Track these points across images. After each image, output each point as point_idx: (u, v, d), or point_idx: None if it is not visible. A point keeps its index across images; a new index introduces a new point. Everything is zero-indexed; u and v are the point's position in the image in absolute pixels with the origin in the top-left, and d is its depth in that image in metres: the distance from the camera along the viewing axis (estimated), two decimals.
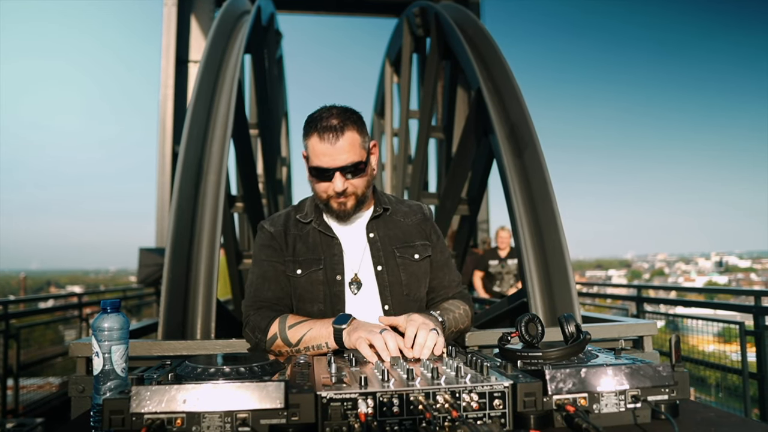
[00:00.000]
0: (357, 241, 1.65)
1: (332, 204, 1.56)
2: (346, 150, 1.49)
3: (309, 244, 1.63)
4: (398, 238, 1.66)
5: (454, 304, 1.65)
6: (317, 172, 1.52)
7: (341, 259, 1.61)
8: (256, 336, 1.53)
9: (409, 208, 1.74)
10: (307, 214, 1.67)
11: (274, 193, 5.15)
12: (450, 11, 4.13)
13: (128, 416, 0.91)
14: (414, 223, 1.70)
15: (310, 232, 1.65)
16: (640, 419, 1.04)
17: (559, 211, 2.61)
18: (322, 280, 1.59)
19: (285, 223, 1.67)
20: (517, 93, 3.05)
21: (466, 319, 1.64)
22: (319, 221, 1.65)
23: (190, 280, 2.31)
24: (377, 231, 1.65)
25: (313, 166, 1.52)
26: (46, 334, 6.49)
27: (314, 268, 1.60)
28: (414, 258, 1.64)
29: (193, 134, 2.63)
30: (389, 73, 7.17)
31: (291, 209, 1.73)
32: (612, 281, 39.25)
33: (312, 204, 1.68)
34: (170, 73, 9.07)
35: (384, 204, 1.69)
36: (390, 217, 1.69)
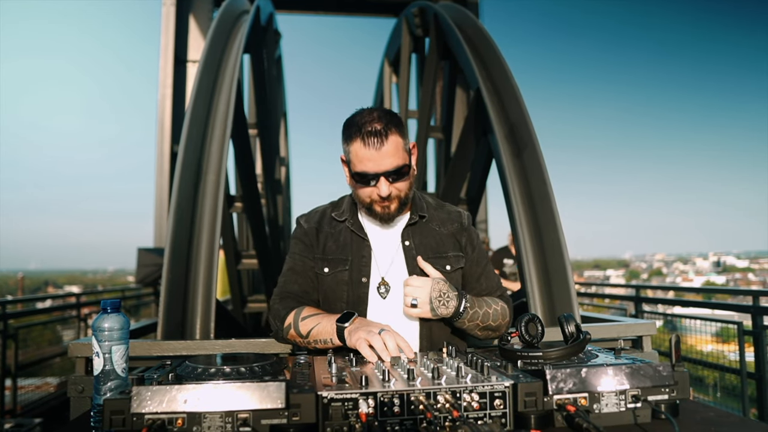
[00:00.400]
0: (389, 245, 1.63)
1: (376, 208, 1.55)
2: (390, 154, 1.47)
3: (339, 243, 1.62)
4: (432, 247, 1.63)
5: (495, 300, 1.61)
6: (361, 178, 1.50)
7: (369, 261, 1.60)
8: (276, 323, 1.56)
9: (447, 215, 1.71)
10: (343, 212, 1.67)
11: (273, 193, 5.15)
12: (449, 11, 4.13)
13: (129, 416, 0.91)
14: (450, 233, 1.67)
15: (342, 230, 1.64)
16: (640, 419, 1.04)
17: (558, 211, 2.61)
18: (346, 281, 1.59)
19: (320, 220, 1.68)
20: (516, 93, 3.05)
21: (500, 317, 1.58)
22: (353, 221, 1.64)
23: (189, 280, 2.30)
24: (413, 239, 1.63)
25: (356, 171, 1.50)
26: (44, 335, 6.48)
27: (340, 267, 1.60)
28: (446, 269, 1.62)
29: (193, 134, 2.63)
30: (388, 73, 7.17)
31: (329, 206, 1.73)
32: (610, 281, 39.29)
33: (349, 203, 1.68)
34: (169, 73, 9.04)
35: (421, 211, 1.65)
36: (426, 225, 1.66)
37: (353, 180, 1.54)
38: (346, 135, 1.52)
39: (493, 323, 1.55)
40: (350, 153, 1.51)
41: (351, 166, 1.52)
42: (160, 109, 9.00)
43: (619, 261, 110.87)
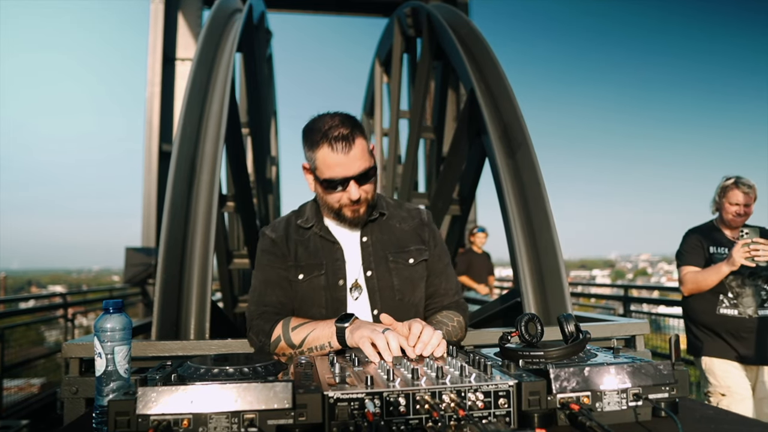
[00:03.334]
0: (354, 245, 1.65)
1: (346, 212, 1.55)
2: (358, 158, 1.48)
3: (310, 249, 1.62)
4: (392, 242, 1.65)
5: (448, 316, 1.63)
6: (330, 184, 1.50)
7: (343, 264, 1.61)
8: (260, 340, 1.53)
9: (407, 213, 1.73)
10: (308, 219, 1.66)
11: (264, 193, 5.13)
12: (442, 12, 4.14)
13: (134, 417, 0.90)
14: (410, 228, 1.69)
15: (311, 237, 1.64)
16: (641, 417, 1.05)
17: (551, 211, 2.64)
18: (323, 285, 1.59)
19: (286, 228, 1.67)
20: (509, 93, 3.08)
21: (459, 331, 1.63)
22: (320, 226, 1.64)
23: (183, 279, 2.29)
24: (371, 235, 1.65)
25: (325, 178, 1.50)
26: (27, 335, 6.39)
27: (316, 273, 1.60)
28: (408, 262, 1.64)
29: (187, 133, 2.61)
30: (379, 73, 7.16)
31: (291, 215, 1.72)
32: (596, 281, 39.71)
33: (312, 209, 1.68)
34: (157, 71, 8.97)
35: (381, 209, 1.67)
36: (386, 222, 1.68)
37: (321, 186, 1.53)
38: (310, 141, 1.50)
39: (455, 339, 1.61)
40: (316, 160, 1.49)
41: (318, 172, 1.51)
42: (149, 107, 8.92)
43: (605, 261, 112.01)
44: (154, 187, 8.41)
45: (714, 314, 2.96)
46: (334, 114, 1.53)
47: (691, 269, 3.02)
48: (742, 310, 2.89)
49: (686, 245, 3.10)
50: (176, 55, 9.29)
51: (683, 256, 3.09)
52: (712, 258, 2.99)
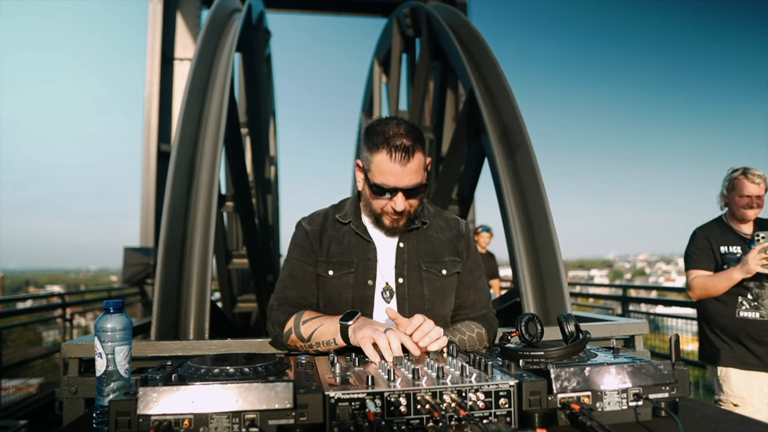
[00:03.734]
0: (391, 249, 1.63)
1: (385, 220, 1.55)
2: (413, 171, 1.47)
3: (344, 245, 1.62)
4: (427, 252, 1.64)
5: (468, 326, 1.61)
6: (379, 189, 1.49)
7: (375, 264, 1.60)
8: (275, 330, 1.55)
9: (445, 223, 1.71)
10: (346, 214, 1.66)
11: (263, 193, 5.12)
12: (441, 12, 4.14)
13: (135, 418, 0.90)
14: (447, 239, 1.68)
15: (346, 233, 1.63)
16: (641, 417, 1.06)
17: (551, 211, 2.64)
18: (352, 284, 1.59)
19: (323, 222, 1.66)
20: (509, 94, 3.08)
21: (477, 342, 1.59)
22: (358, 223, 1.64)
23: (183, 279, 2.29)
24: (407, 242, 1.63)
25: (375, 182, 1.49)
26: (25, 335, 6.37)
27: (345, 270, 1.59)
28: (441, 273, 1.62)
29: (186, 133, 2.61)
30: (378, 73, 7.17)
31: (330, 208, 1.72)
32: (594, 281, 39.77)
33: (353, 205, 1.67)
34: (156, 71, 8.96)
35: (423, 218, 1.66)
36: (425, 231, 1.66)
37: (370, 189, 1.53)
38: (371, 143, 1.49)
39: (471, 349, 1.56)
40: (372, 162, 1.49)
41: (370, 175, 1.51)
42: (147, 107, 8.91)
43: (603, 261, 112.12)
44: (153, 187, 8.40)
45: (733, 317, 2.70)
46: (401, 121, 1.52)
47: (700, 273, 2.77)
48: (764, 312, 2.64)
49: (694, 246, 2.84)
50: (175, 54, 9.28)
51: (691, 259, 2.83)
52: (723, 259, 2.75)
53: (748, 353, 2.66)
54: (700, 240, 2.84)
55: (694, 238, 2.88)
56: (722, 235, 2.81)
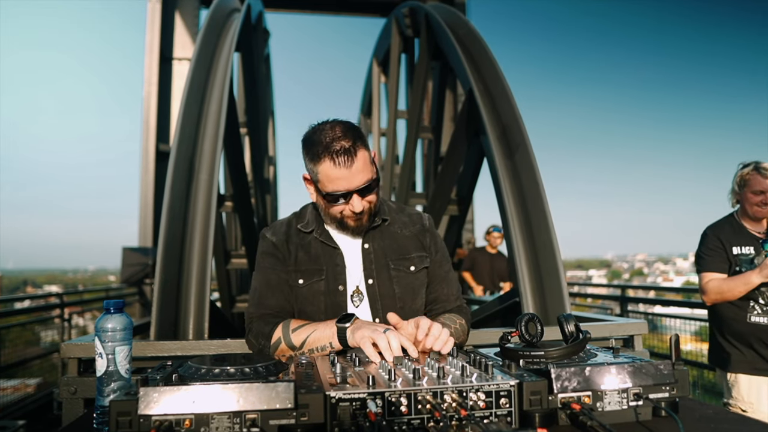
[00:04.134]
0: (357, 252, 1.63)
1: (348, 222, 1.54)
2: (360, 170, 1.46)
3: (311, 254, 1.61)
4: (393, 249, 1.64)
5: (451, 318, 1.62)
6: (333, 197, 1.49)
7: (344, 269, 1.60)
8: (259, 342, 1.52)
9: (408, 218, 1.71)
10: (308, 223, 1.65)
11: (262, 192, 5.12)
12: (440, 12, 4.14)
13: (136, 418, 0.89)
14: (412, 234, 1.68)
15: (311, 241, 1.63)
16: (641, 417, 1.06)
17: (550, 211, 2.64)
18: (323, 291, 1.58)
19: (287, 232, 1.65)
20: (508, 94, 3.08)
21: (462, 334, 1.61)
22: (321, 231, 1.63)
23: (182, 279, 2.28)
24: (372, 242, 1.63)
25: (328, 192, 1.48)
26: (23, 336, 6.36)
27: (316, 278, 1.59)
28: (409, 270, 1.63)
29: (185, 133, 2.61)
30: (377, 73, 7.17)
31: (292, 217, 1.71)
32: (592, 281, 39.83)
33: (313, 213, 1.66)
34: (154, 70, 8.95)
35: (383, 214, 1.66)
36: (387, 228, 1.66)
37: (324, 200, 1.52)
38: (312, 154, 1.47)
39: (458, 341, 1.56)
40: (318, 173, 1.47)
41: (320, 185, 1.50)
42: (145, 107, 8.90)
43: (602, 261, 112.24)
44: (151, 187, 8.39)
45: (744, 323, 2.60)
46: (334, 123, 1.50)
47: (714, 276, 2.65)
48: None
49: (706, 247, 2.72)
50: (173, 54, 9.28)
51: (703, 261, 2.70)
52: (736, 260, 2.63)
53: (759, 358, 2.59)
54: (711, 240, 2.72)
55: (705, 239, 2.75)
56: (734, 234, 2.69)
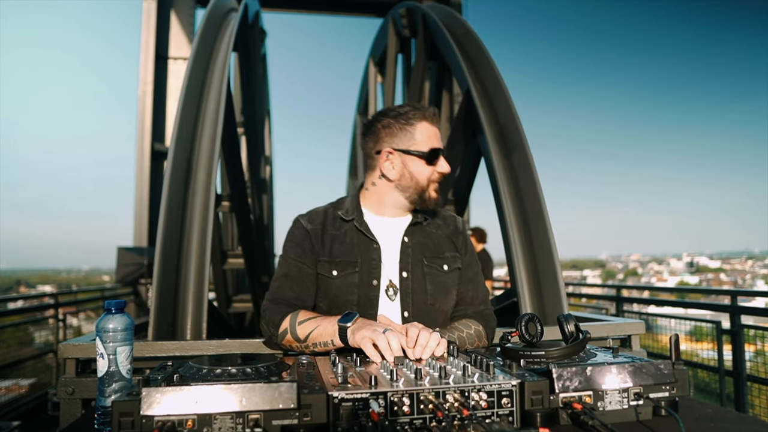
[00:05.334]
0: (394, 245, 1.65)
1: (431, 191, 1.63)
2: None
3: (346, 245, 1.62)
4: (429, 248, 1.66)
5: (466, 323, 1.62)
6: (434, 154, 1.60)
7: (379, 264, 1.61)
8: (269, 329, 1.54)
9: (443, 220, 1.75)
10: (348, 211, 1.67)
11: (259, 192, 5.11)
12: (437, 12, 4.15)
13: (138, 418, 0.89)
14: (446, 235, 1.71)
15: (348, 231, 1.64)
16: (641, 416, 1.06)
17: (547, 212, 2.65)
18: (357, 283, 1.59)
19: (323, 221, 1.66)
20: (505, 94, 3.09)
21: (476, 340, 1.60)
22: (360, 221, 1.64)
23: (180, 280, 2.28)
24: (412, 238, 1.66)
25: (431, 148, 1.60)
26: (16, 336, 6.31)
27: (350, 270, 1.59)
28: (443, 269, 1.65)
29: (183, 132, 2.60)
30: (373, 73, 7.16)
31: (329, 206, 1.72)
32: (587, 281, 39.96)
33: (353, 202, 1.69)
34: (149, 70, 8.91)
35: (425, 212, 1.70)
36: (425, 227, 1.70)
37: (424, 160, 1.60)
38: (404, 121, 1.60)
39: (470, 347, 1.57)
40: (415, 134, 1.60)
41: (416, 147, 1.60)
42: (141, 106, 8.86)
43: (596, 261, 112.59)
44: (147, 187, 8.35)
45: None
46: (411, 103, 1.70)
47: None
48: None
49: None
50: (169, 53, 9.24)
51: None
52: None
53: None
54: None
55: None
56: None
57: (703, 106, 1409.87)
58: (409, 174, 1.61)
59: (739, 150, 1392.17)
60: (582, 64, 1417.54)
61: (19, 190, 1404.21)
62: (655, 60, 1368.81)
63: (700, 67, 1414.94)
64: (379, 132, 1.64)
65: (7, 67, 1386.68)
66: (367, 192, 1.70)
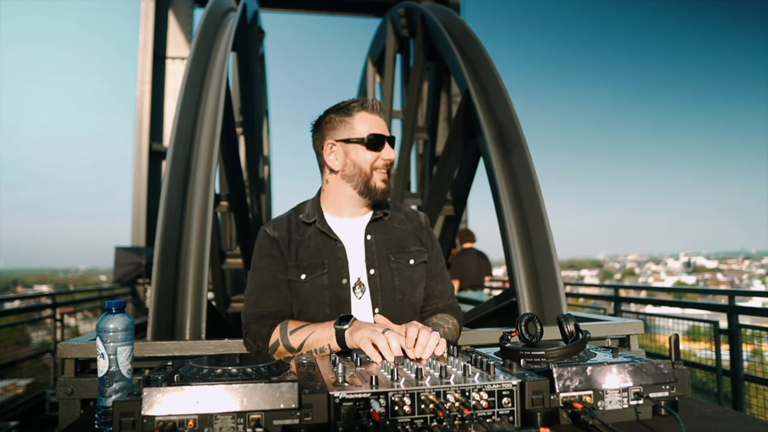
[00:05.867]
0: (358, 243, 1.66)
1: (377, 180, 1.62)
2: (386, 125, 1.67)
3: (311, 248, 1.63)
4: (393, 243, 1.67)
5: (443, 318, 1.66)
6: (377, 139, 1.60)
7: (346, 263, 1.62)
8: (257, 344, 1.53)
9: (405, 215, 1.76)
10: (309, 214, 1.68)
11: (257, 192, 5.10)
12: (436, 12, 4.15)
13: (139, 418, 0.89)
14: (410, 230, 1.72)
15: (311, 235, 1.64)
16: (641, 416, 1.07)
17: (546, 212, 2.65)
18: (327, 285, 1.59)
19: (288, 227, 1.67)
20: (504, 94, 3.09)
21: (455, 333, 1.65)
22: (322, 222, 1.65)
23: (179, 279, 2.27)
24: (374, 234, 1.67)
25: (371, 133, 1.60)
26: (12, 336, 6.29)
27: (318, 272, 1.60)
28: (409, 263, 1.66)
29: (182, 132, 2.59)
30: (371, 73, 7.17)
31: (291, 212, 1.73)
32: (585, 281, 40.01)
33: (314, 206, 1.69)
34: (147, 70, 8.90)
35: (384, 208, 1.71)
36: (387, 223, 1.71)
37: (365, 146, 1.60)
38: (343, 114, 1.62)
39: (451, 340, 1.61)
40: (354, 124, 1.61)
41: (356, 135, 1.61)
42: (139, 106, 8.85)
43: (593, 261, 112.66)
44: (144, 186, 8.34)
45: None
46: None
47: None
48: None
49: None
50: (167, 53, 9.23)
51: None
52: None
53: None
54: None
55: None
56: None
57: (701, 106, 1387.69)
58: (351, 162, 1.62)
59: (736, 150, 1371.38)
60: (580, 63, 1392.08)
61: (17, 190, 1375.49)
62: (653, 60, 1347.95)
63: (697, 66, 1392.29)
64: (323, 128, 1.66)
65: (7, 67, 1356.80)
66: (324, 193, 1.71)
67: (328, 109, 1.68)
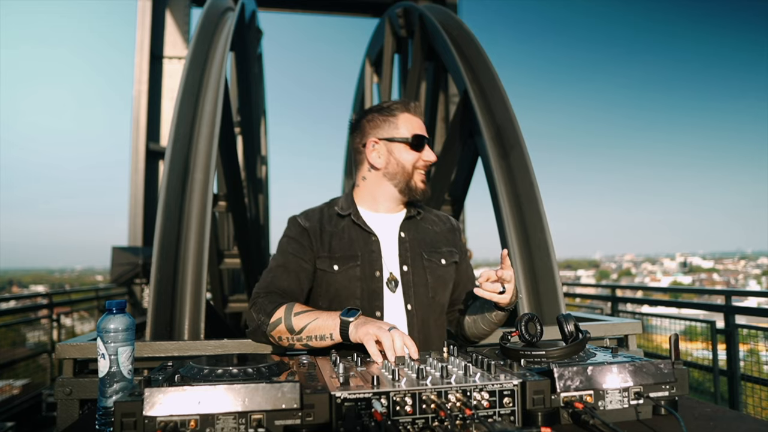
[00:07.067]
0: (391, 239, 1.67)
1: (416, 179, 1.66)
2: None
3: (345, 240, 1.64)
4: (426, 242, 1.70)
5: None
6: (419, 140, 1.64)
7: (380, 255, 1.63)
8: (259, 318, 1.51)
9: (437, 217, 1.80)
10: (343, 207, 1.69)
11: (255, 192, 5.10)
12: (434, 13, 4.15)
13: (140, 419, 0.89)
14: (442, 231, 1.75)
15: (345, 227, 1.66)
16: (642, 415, 1.07)
17: (545, 212, 2.66)
18: (359, 276, 1.60)
19: (320, 218, 1.68)
20: (502, 95, 3.10)
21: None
22: (357, 215, 1.67)
23: (177, 279, 2.27)
24: (408, 232, 1.69)
25: (416, 134, 1.64)
26: (8, 336, 6.26)
27: (351, 264, 1.60)
28: (440, 262, 1.68)
29: (180, 132, 2.59)
30: (369, 73, 7.16)
31: (323, 205, 1.74)
32: (581, 281, 40.09)
33: (348, 200, 1.71)
34: (144, 69, 8.86)
35: (417, 207, 1.74)
36: (420, 222, 1.73)
37: (409, 146, 1.64)
38: (387, 113, 1.66)
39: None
40: (398, 124, 1.66)
41: (399, 135, 1.64)
42: (135, 106, 8.81)
43: (590, 261, 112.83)
44: (141, 186, 8.30)
45: None
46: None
47: None
48: None
49: None
50: (163, 53, 9.20)
51: None
52: None
53: None
54: None
55: None
56: None
57: (698, 106, 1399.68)
58: (395, 161, 1.65)
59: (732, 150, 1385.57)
60: (578, 63, 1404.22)
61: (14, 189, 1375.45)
62: (650, 59, 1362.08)
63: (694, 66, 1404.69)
64: (365, 126, 1.69)
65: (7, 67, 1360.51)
66: (359, 188, 1.72)
67: (368, 108, 1.73)
